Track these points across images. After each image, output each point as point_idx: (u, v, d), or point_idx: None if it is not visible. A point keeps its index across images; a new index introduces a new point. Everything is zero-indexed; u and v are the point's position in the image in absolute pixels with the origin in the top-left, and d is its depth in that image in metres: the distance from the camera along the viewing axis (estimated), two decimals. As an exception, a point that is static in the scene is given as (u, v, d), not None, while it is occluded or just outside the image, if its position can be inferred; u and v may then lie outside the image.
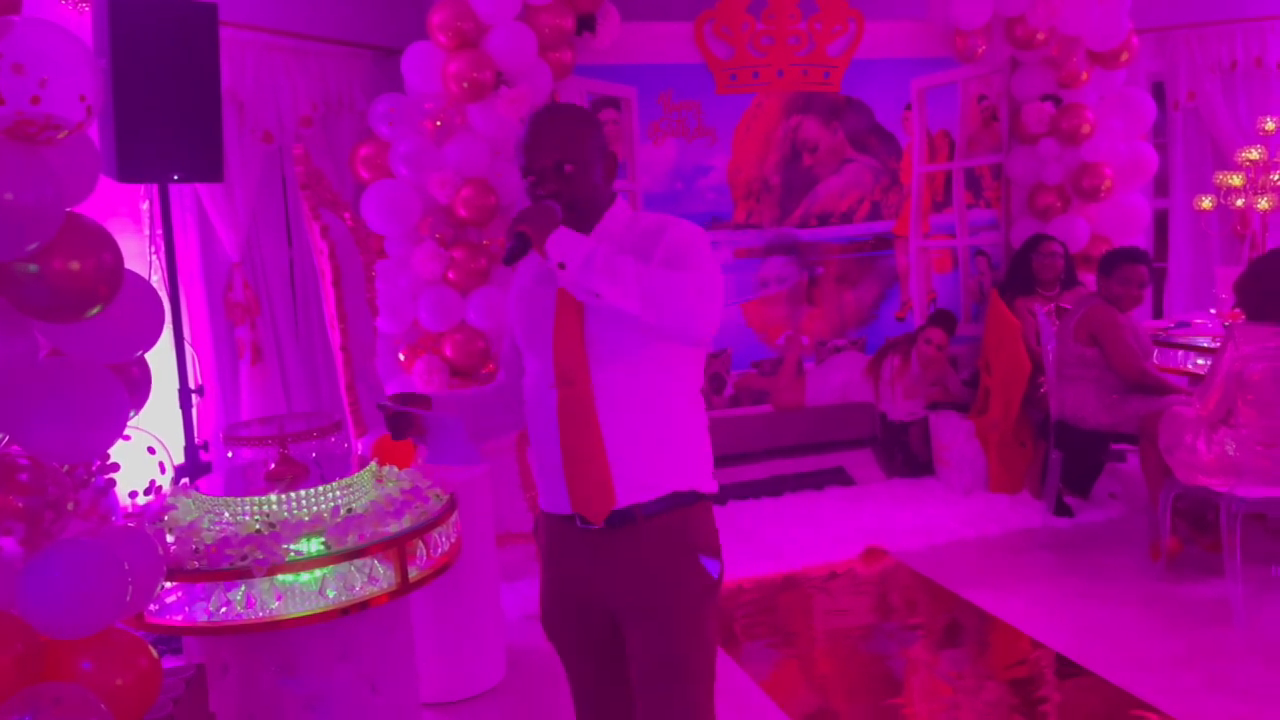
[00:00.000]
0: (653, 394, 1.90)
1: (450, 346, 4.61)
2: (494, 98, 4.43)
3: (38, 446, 1.78)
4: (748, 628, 3.95)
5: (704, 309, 1.79)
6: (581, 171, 1.91)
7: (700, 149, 5.23)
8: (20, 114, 1.64)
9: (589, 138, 1.93)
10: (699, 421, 1.99)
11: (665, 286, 1.76)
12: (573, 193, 1.90)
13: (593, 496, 1.91)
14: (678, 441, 1.93)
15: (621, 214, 1.98)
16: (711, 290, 1.81)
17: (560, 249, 1.79)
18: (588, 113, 2.00)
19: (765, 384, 5.46)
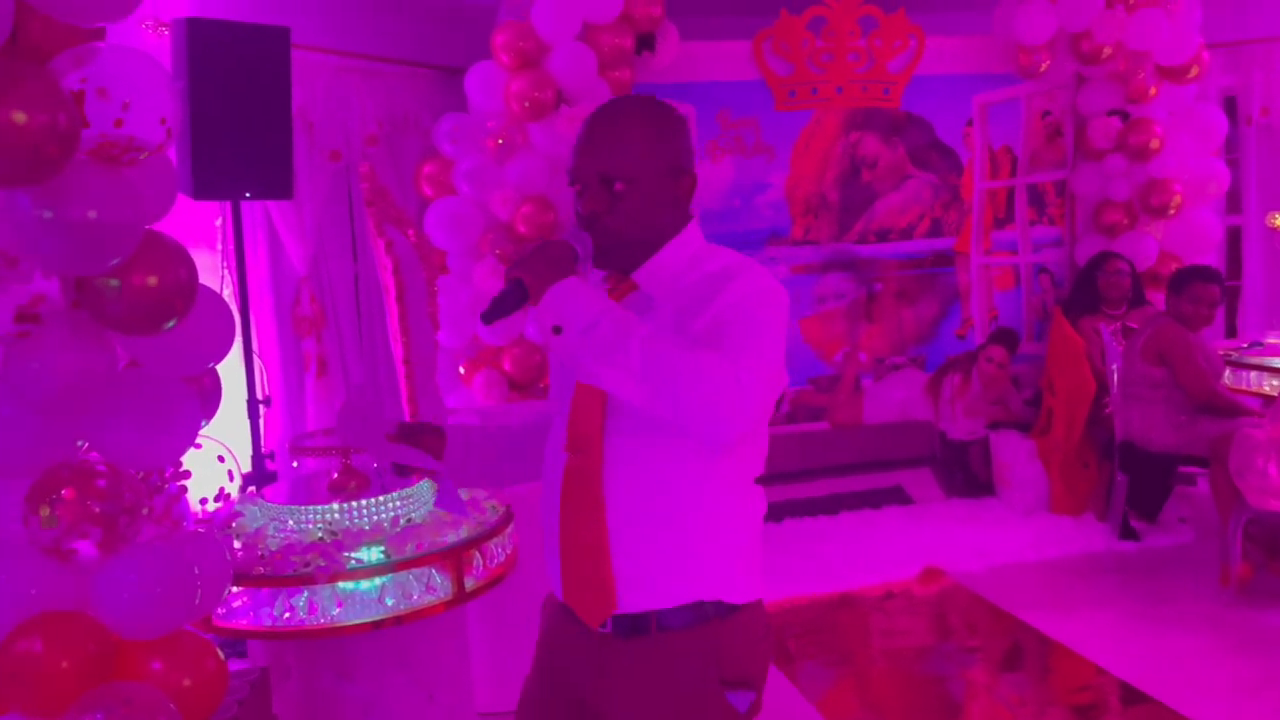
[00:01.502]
0: (682, 477, 1.51)
1: (509, 361, 4.67)
2: (554, 116, 4.50)
3: (115, 453, 1.85)
4: (802, 646, 3.92)
5: (733, 405, 1.37)
6: (636, 192, 1.51)
7: (758, 166, 5.25)
8: (104, 136, 1.72)
9: (657, 147, 1.53)
10: (746, 517, 1.59)
11: (681, 375, 1.37)
12: (621, 219, 1.52)
13: (587, 593, 1.55)
14: (710, 539, 1.53)
15: (687, 246, 1.58)
16: (754, 379, 1.39)
17: (558, 307, 1.41)
18: (662, 113, 1.57)
19: (822, 401, 5.43)
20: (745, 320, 1.46)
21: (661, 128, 1.55)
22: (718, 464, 1.52)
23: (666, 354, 1.39)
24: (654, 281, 1.56)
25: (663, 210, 1.56)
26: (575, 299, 1.41)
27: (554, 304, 1.41)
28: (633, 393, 1.40)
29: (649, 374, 1.38)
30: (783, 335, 1.51)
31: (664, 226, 1.57)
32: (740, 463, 1.56)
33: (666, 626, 1.53)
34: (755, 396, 1.40)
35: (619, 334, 1.39)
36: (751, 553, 1.61)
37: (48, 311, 1.76)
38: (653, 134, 1.54)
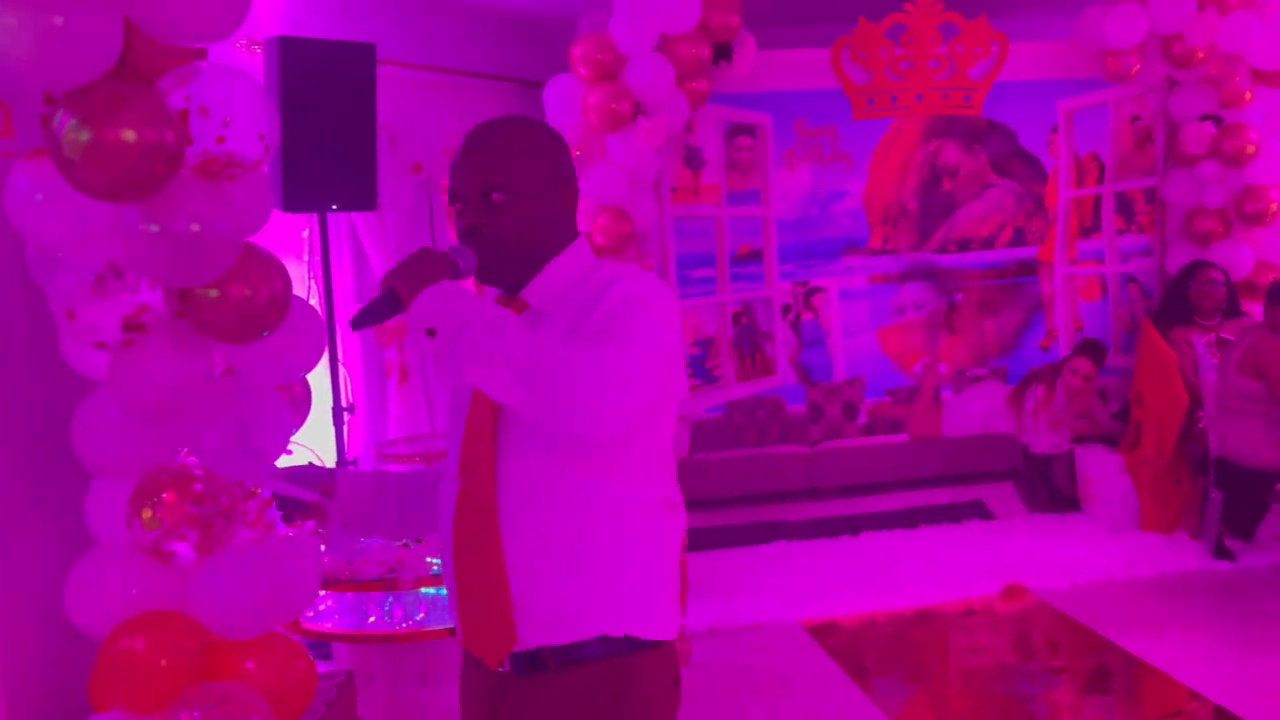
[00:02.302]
0: (583, 499, 1.42)
1: (585, 370, 4.71)
2: (631, 128, 4.53)
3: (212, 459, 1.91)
4: (879, 661, 3.87)
5: (611, 397, 1.32)
6: (515, 203, 1.48)
7: (836, 174, 5.20)
8: (206, 153, 1.79)
9: (534, 160, 1.51)
10: (658, 544, 1.47)
11: (557, 369, 1.32)
12: (499, 230, 1.47)
13: (487, 630, 1.45)
14: (616, 568, 1.43)
15: (576, 262, 1.53)
16: (633, 372, 1.34)
17: (430, 310, 1.37)
18: (539, 129, 1.56)
19: (900, 413, 5.35)
20: (626, 318, 1.41)
21: (538, 141, 1.53)
22: (621, 485, 1.44)
23: (542, 349, 1.34)
24: (544, 298, 1.52)
25: (545, 222, 1.52)
26: (446, 301, 1.37)
27: (425, 307, 1.37)
28: (510, 392, 1.34)
29: (524, 370, 1.32)
30: (669, 336, 1.43)
31: (548, 240, 1.52)
32: (646, 483, 1.46)
33: (568, 663, 1.43)
34: (635, 390, 1.35)
35: (491, 331, 1.34)
36: (664, 584, 1.47)
37: (152, 321, 1.83)
38: (529, 146, 1.52)
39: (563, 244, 1.53)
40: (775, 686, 3.64)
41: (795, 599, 4.33)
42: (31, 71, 1.52)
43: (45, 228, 1.79)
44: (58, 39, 1.49)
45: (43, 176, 1.72)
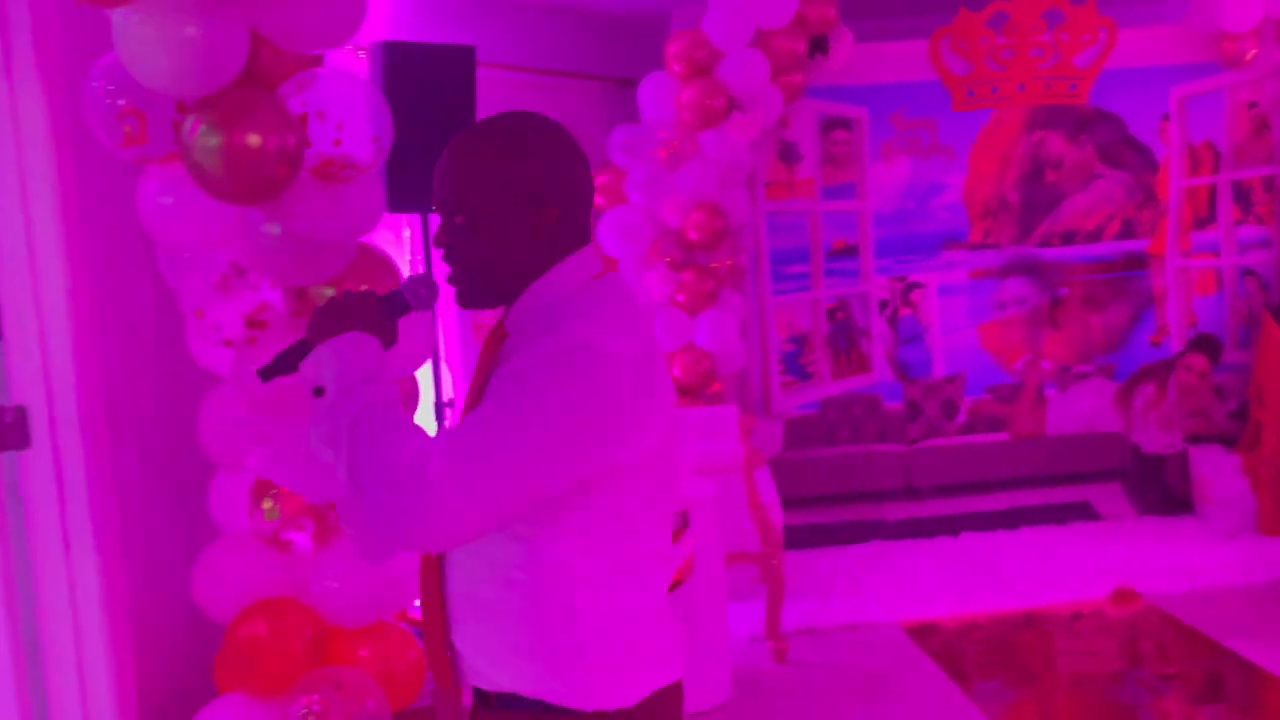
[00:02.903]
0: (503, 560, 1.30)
1: (678, 366, 4.72)
2: (725, 124, 4.52)
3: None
4: (981, 665, 3.79)
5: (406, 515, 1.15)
6: (477, 224, 1.30)
7: (934, 167, 5.11)
8: (323, 156, 1.85)
9: (500, 174, 1.30)
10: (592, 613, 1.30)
11: (371, 464, 1.16)
12: (464, 253, 1.31)
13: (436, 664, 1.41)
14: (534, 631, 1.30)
15: (553, 287, 1.33)
16: (460, 481, 1.15)
17: (324, 366, 1.22)
18: (503, 138, 1.33)
19: (1002, 411, 5.23)
20: (505, 392, 1.21)
21: (509, 150, 1.31)
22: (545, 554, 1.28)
23: (372, 436, 1.17)
24: (518, 328, 1.34)
25: (516, 246, 1.31)
26: (337, 359, 1.21)
27: (315, 362, 1.23)
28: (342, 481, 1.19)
29: (350, 459, 1.17)
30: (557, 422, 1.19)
31: (523, 262, 1.32)
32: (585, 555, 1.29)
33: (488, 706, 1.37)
34: (454, 506, 1.15)
35: (338, 403, 1.18)
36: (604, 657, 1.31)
37: (273, 319, 1.90)
38: (494, 159, 1.30)
39: (546, 264, 1.32)
40: (874, 687, 3.60)
41: (894, 599, 4.26)
42: (166, 80, 1.60)
43: (174, 230, 1.88)
44: (191, 49, 1.56)
45: (172, 181, 1.80)
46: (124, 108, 1.72)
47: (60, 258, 1.85)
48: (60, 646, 1.94)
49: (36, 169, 1.84)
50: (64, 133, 1.84)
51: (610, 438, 1.24)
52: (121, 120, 1.74)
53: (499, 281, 1.33)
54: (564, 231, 1.33)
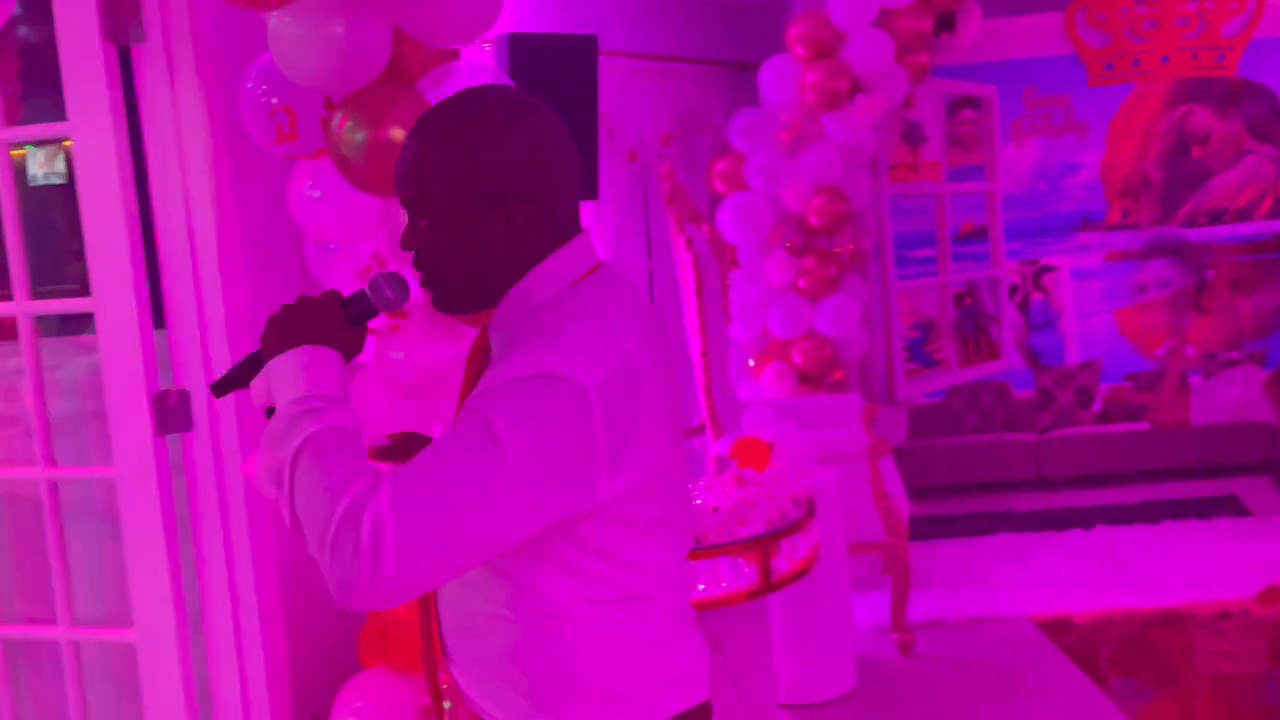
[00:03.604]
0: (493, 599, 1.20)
1: (799, 354, 4.67)
2: (849, 106, 4.44)
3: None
4: (1116, 663, 3.66)
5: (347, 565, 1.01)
6: (439, 227, 1.15)
7: (1068, 146, 4.92)
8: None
9: (462, 167, 1.13)
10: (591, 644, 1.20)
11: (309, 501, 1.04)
12: (429, 255, 1.17)
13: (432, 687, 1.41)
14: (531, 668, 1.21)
15: (532, 294, 1.19)
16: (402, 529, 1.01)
17: (271, 384, 1.10)
18: (466, 128, 1.15)
19: (1141, 399, 5.01)
20: (460, 432, 1.06)
21: (469, 140, 1.13)
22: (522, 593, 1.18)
23: (313, 469, 1.03)
24: (500, 340, 1.20)
25: (486, 247, 1.16)
26: (283, 380, 1.09)
27: (265, 379, 1.10)
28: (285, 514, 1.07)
29: (290, 503, 1.05)
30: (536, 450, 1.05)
31: (500, 267, 1.17)
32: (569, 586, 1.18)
33: None
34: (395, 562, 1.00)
35: (283, 435, 1.05)
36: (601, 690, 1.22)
37: (414, 308, 1.96)
38: (453, 151, 1.13)
39: (526, 264, 1.17)
40: (1006, 682, 3.51)
41: (1024, 593, 4.14)
42: (316, 78, 1.66)
43: (321, 221, 1.96)
44: (339, 48, 1.62)
45: (320, 175, 1.88)
46: (276, 105, 1.80)
47: (217, 250, 1.95)
48: (219, 616, 2.06)
49: (196, 166, 1.95)
50: (221, 131, 1.94)
51: (577, 483, 1.09)
52: (273, 118, 1.82)
53: (475, 286, 1.18)
54: (544, 226, 1.17)
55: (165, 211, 1.98)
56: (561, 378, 1.06)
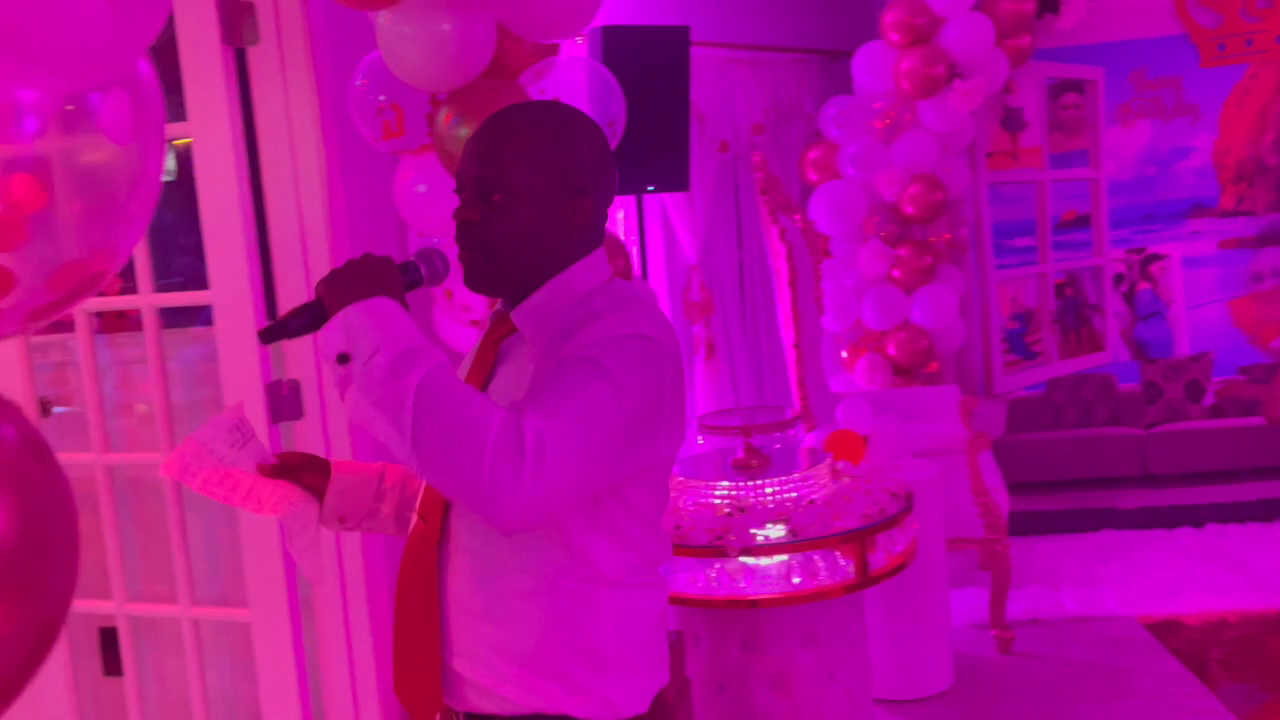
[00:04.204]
0: (530, 568, 1.24)
1: (893, 345, 4.60)
2: (946, 92, 4.35)
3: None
4: (1230, 667, 3.51)
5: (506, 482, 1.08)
6: (514, 206, 1.24)
7: (1179, 129, 4.73)
8: (561, 141, 1.93)
9: (545, 159, 1.25)
10: (613, 619, 1.27)
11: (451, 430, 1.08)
12: (492, 233, 1.24)
13: (415, 685, 1.32)
14: (556, 645, 1.25)
15: (575, 284, 1.28)
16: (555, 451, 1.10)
17: (348, 331, 1.12)
18: (565, 121, 1.30)
19: (1256, 393, 4.79)
20: (578, 371, 1.15)
21: (557, 137, 1.27)
22: (569, 560, 1.24)
23: (447, 402, 1.08)
24: (531, 322, 1.28)
25: (547, 235, 1.26)
26: (367, 321, 1.12)
27: (343, 326, 1.12)
28: (402, 448, 1.10)
29: (417, 424, 1.08)
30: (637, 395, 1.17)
31: (549, 254, 1.27)
32: (606, 557, 1.25)
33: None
34: (550, 473, 1.09)
35: (397, 367, 1.09)
36: (619, 662, 1.27)
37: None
38: (543, 143, 1.26)
39: (568, 260, 1.28)
40: (1111, 683, 3.40)
41: (1131, 592, 4.01)
42: (423, 75, 1.70)
43: (425, 215, 2.01)
44: (446, 45, 1.65)
45: (425, 170, 1.92)
46: (383, 103, 1.84)
47: (327, 243, 2.01)
48: (328, 597, 2.13)
49: (306, 162, 2.01)
50: (330, 128, 2.00)
51: (662, 427, 1.23)
52: (381, 114, 1.86)
53: (520, 268, 1.27)
54: (591, 227, 1.30)
55: (278, 207, 2.05)
56: (653, 339, 1.21)
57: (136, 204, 0.73)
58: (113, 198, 0.72)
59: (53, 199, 0.68)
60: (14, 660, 0.67)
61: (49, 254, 0.68)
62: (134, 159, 0.72)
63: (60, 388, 2.58)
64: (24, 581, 0.66)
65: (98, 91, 0.70)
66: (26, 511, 0.67)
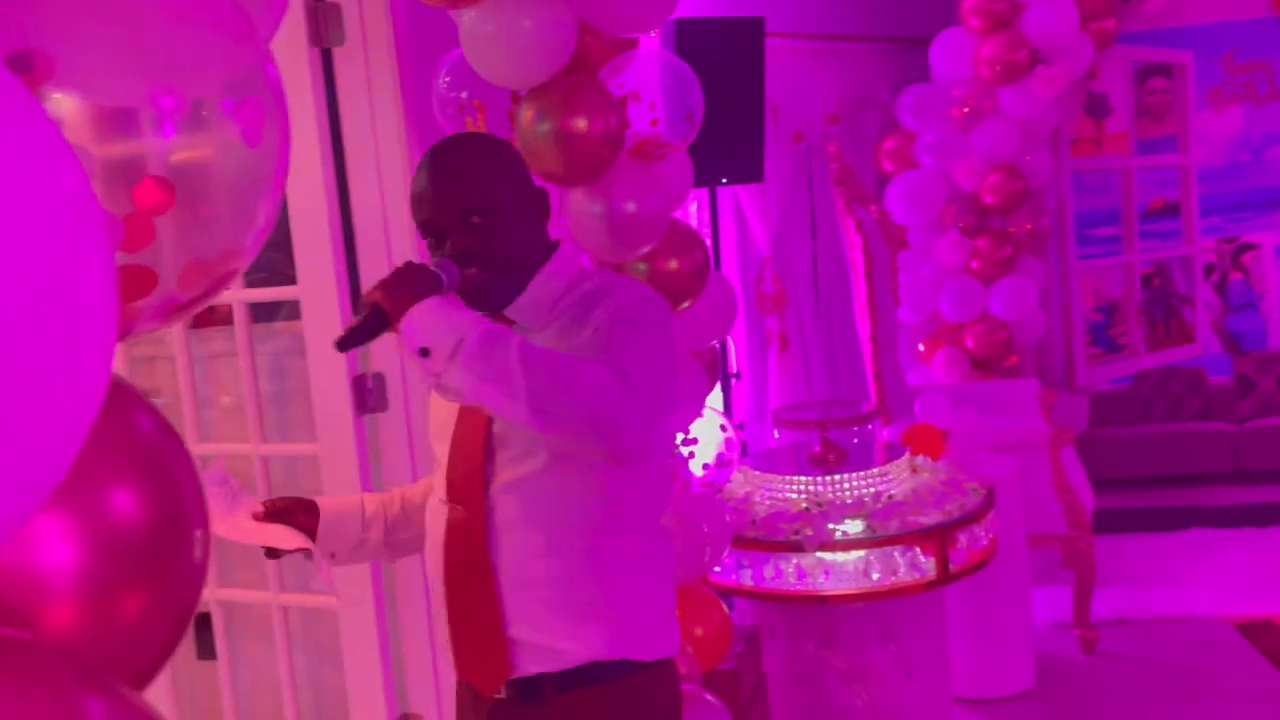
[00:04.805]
0: (575, 525, 1.39)
1: (971, 338, 4.52)
2: (1028, 78, 4.25)
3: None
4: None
5: (629, 411, 1.26)
6: (497, 221, 1.40)
7: (1273, 114, 4.56)
8: (640, 136, 1.92)
9: (501, 174, 1.43)
10: (651, 565, 1.46)
11: (568, 383, 1.25)
12: (489, 250, 1.39)
13: (481, 661, 1.43)
14: (610, 593, 1.40)
15: (560, 273, 1.46)
16: (645, 385, 1.28)
17: (423, 329, 1.25)
18: (495, 141, 1.50)
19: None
20: (625, 328, 1.35)
21: (499, 152, 1.46)
22: (617, 504, 1.41)
23: (548, 362, 1.25)
24: (528, 315, 1.45)
25: (525, 236, 1.45)
26: (437, 317, 1.25)
27: (416, 325, 1.25)
28: (517, 410, 1.24)
29: (532, 386, 1.23)
30: (668, 348, 1.39)
31: (530, 254, 1.45)
32: (639, 509, 1.44)
33: (564, 689, 1.41)
34: (648, 404, 1.29)
35: (491, 345, 1.24)
36: (660, 605, 1.47)
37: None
38: (495, 159, 1.44)
39: (544, 256, 1.46)
40: (1199, 686, 3.30)
41: (1221, 593, 3.88)
42: (505, 72, 1.72)
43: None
44: (528, 42, 1.67)
45: (506, 166, 1.94)
46: (466, 100, 1.87)
47: (411, 239, 2.04)
48: (412, 586, 2.17)
49: (390, 160, 2.05)
50: (414, 125, 2.03)
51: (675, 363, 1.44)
52: (463, 111, 1.89)
53: (514, 272, 1.42)
54: (546, 225, 1.49)
55: (362, 203, 2.10)
56: (659, 299, 1.45)
57: (265, 204, 0.76)
58: (243, 199, 0.75)
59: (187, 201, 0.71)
60: (156, 641, 0.70)
61: (181, 254, 0.71)
62: (264, 161, 0.75)
63: (151, 381, 2.67)
64: (163, 565, 0.69)
65: (232, 96, 0.72)
66: (163, 497, 0.70)
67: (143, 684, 0.72)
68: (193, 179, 0.69)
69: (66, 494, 0.64)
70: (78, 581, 0.66)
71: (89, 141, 0.72)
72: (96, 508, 0.68)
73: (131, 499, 0.70)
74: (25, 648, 0.59)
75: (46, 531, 0.65)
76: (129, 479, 0.70)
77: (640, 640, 1.43)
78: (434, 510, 1.48)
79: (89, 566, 0.67)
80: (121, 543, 0.68)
